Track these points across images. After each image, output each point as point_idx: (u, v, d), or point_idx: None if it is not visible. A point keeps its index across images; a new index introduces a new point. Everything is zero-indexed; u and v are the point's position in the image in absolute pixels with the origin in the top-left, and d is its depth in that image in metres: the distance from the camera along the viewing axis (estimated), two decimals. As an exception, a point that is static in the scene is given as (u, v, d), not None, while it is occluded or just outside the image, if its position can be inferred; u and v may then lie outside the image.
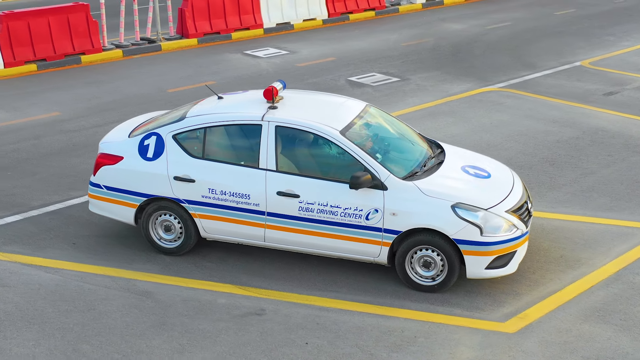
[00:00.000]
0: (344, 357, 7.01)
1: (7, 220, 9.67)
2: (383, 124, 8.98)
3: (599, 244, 9.05)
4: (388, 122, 9.07)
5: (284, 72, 16.58)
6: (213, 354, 7.03)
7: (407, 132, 9.03)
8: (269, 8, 20.54)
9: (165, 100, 14.53)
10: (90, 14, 17.56)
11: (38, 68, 16.78)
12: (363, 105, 9.03)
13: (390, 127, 8.98)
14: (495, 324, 7.53)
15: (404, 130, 9.05)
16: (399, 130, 9.02)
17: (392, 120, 9.17)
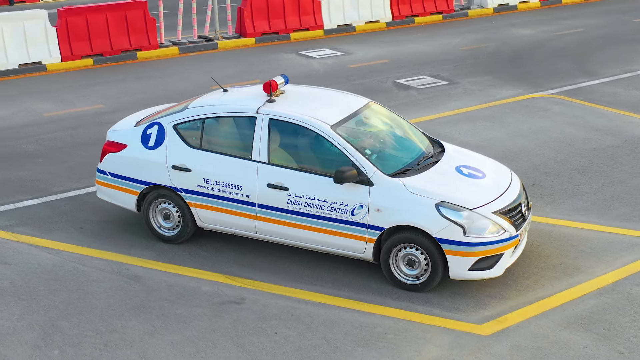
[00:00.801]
0: (309, 348, 7.21)
1: (25, 203, 10.28)
2: (383, 121, 9.12)
3: (605, 254, 8.93)
4: (390, 119, 9.21)
5: (334, 73, 16.85)
6: (182, 338, 7.35)
7: (408, 131, 9.14)
8: (330, 9, 20.87)
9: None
10: (147, 11, 18.30)
11: (94, 62, 17.61)
12: (365, 101, 9.20)
13: (391, 125, 9.12)
14: (470, 326, 7.57)
15: (406, 129, 9.17)
16: (400, 128, 9.14)
17: (395, 118, 9.31)
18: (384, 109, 9.37)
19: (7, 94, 15.38)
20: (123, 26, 17.96)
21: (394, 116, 9.33)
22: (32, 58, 16.98)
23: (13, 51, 16.75)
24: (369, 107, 9.13)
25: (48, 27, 17.10)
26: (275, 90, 8.85)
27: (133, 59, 18.11)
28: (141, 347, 7.20)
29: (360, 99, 9.25)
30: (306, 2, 20.41)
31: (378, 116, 9.15)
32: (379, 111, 9.23)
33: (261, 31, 19.84)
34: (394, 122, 9.21)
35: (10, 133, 13.08)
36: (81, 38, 17.48)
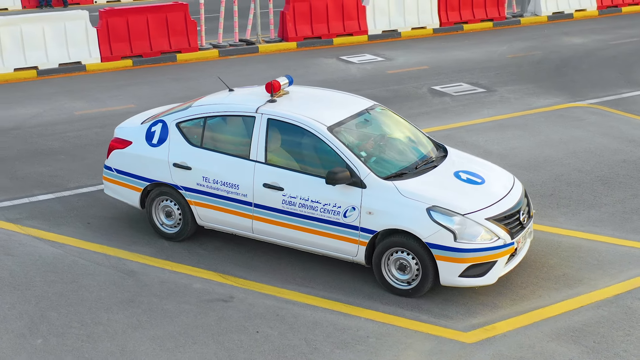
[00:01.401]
0: (287, 348, 7.31)
1: (39, 197, 10.64)
2: (386, 124, 9.19)
3: (612, 266, 8.80)
4: (394, 123, 9.26)
5: (370, 78, 16.94)
6: (164, 332, 7.53)
7: (411, 135, 9.18)
8: (375, 15, 20.96)
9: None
10: (188, 14, 18.70)
11: (134, 64, 18.07)
12: (369, 104, 9.28)
13: (394, 128, 9.18)
14: (456, 333, 7.56)
15: (409, 133, 9.20)
16: (403, 132, 9.19)
17: (400, 121, 9.35)
18: (389, 112, 9.42)
19: (44, 92, 15.92)
20: (163, 28, 18.38)
21: (398, 120, 9.37)
22: (72, 58, 17.52)
23: (54, 51, 17.31)
24: (373, 110, 9.21)
25: (89, 28, 17.63)
26: (278, 90, 9.00)
27: (172, 61, 18.51)
28: (122, 340, 7.40)
29: (365, 102, 9.33)
30: (350, 7, 20.55)
31: (381, 119, 9.22)
32: (383, 114, 9.29)
33: (303, 35, 20.05)
34: (398, 126, 9.25)
35: (40, 130, 13.53)
36: (121, 39, 17.96)
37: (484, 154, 12.16)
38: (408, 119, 9.92)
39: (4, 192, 10.83)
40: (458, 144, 12.60)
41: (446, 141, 12.63)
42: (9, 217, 10.01)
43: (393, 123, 9.27)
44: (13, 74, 16.90)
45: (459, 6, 22.10)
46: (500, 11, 22.77)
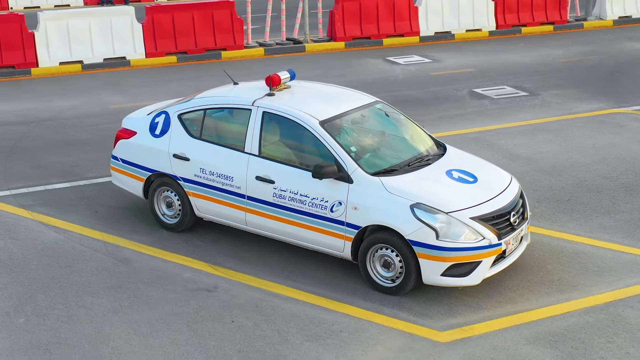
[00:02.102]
0: (258, 338, 7.53)
1: (55, 186, 11.14)
2: (385, 121, 9.33)
3: (611, 273, 8.73)
4: (394, 120, 9.40)
5: (412, 79, 17.03)
6: (142, 318, 7.85)
7: (409, 132, 9.29)
8: (427, 16, 21.01)
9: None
10: (235, 11, 19.14)
11: (178, 60, 18.60)
12: (370, 100, 9.43)
13: (392, 125, 9.31)
14: (430, 332, 7.65)
15: (408, 130, 9.32)
16: (402, 129, 9.31)
17: (400, 118, 9.47)
18: (390, 108, 9.56)
19: (85, 86, 16.55)
20: (209, 25, 18.86)
21: (399, 117, 9.49)
22: (117, 53, 18.15)
23: (99, 46, 17.97)
24: (373, 106, 9.36)
25: (134, 24, 18.23)
26: (278, 84, 9.23)
27: (217, 58, 18.97)
28: (100, 323, 7.75)
29: (366, 98, 9.48)
30: (402, 7, 20.66)
31: (381, 115, 9.36)
32: (383, 111, 9.43)
33: (352, 35, 20.25)
34: (397, 123, 9.38)
35: (73, 122, 14.10)
36: (166, 35, 18.50)
37: (509, 158, 12.16)
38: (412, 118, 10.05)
39: (24, 179, 11.37)
40: (484, 147, 12.62)
41: (474, 144, 12.69)
42: (23, 203, 10.52)
43: (392, 120, 9.40)
44: (58, 68, 17.61)
45: (517, 8, 21.95)
46: (562, 14, 22.51)
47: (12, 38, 17.24)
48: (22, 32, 17.32)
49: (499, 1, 21.71)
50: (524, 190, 10.11)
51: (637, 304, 8.14)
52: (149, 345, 7.41)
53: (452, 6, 21.22)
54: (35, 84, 16.74)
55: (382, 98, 15.36)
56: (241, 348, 7.37)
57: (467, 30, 21.47)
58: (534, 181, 11.29)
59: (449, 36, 21.21)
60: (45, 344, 7.42)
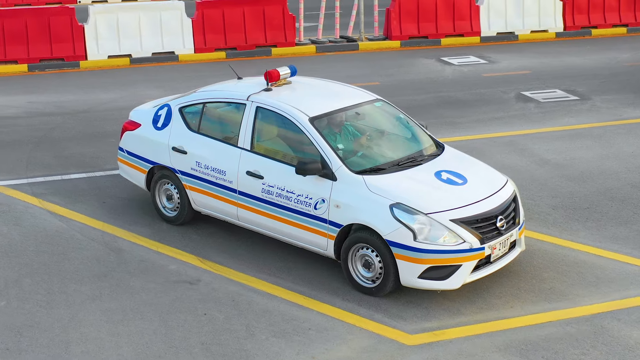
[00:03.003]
0: (225, 331, 7.77)
1: (72, 176, 11.65)
2: (382, 119, 9.46)
3: (608, 285, 8.63)
4: (391, 118, 9.51)
5: (460, 80, 17.00)
6: (117, 306, 8.19)
7: (407, 132, 9.38)
8: (489, 15, 20.88)
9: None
10: (287, 8, 19.45)
11: (227, 56, 19.03)
12: (369, 98, 9.55)
13: (388, 124, 9.44)
14: (401, 334, 7.74)
15: (405, 130, 9.42)
16: (399, 128, 9.43)
17: (400, 118, 9.57)
18: (391, 107, 9.66)
19: (130, 80, 17.13)
20: (260, 21, 19.22)
21: (399, 116, 9.59)
22: (166, 47, 18.71)
23: (148, 40, 18.55)
24: (371, 104, 9.49)
25: (184, 19, 18.75)
26: (276, 79, 9.46)
27: (267, 55, 19.32)
28: (76, 309, 8.13)
29: (365, 95, 9.61)
30: (463, 6, 20.59)
31: (379, 114, 9.49)
32: (382, 109, 9.56)
33: (408, 34, 20.30)
34: (395, 122, 9.49)
35: (106, 114, 14.65)
36: (216, 31, 18.96)
37: (538, 163, 12.08)
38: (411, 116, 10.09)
39: (44, 168, 11.92)
40: (514, 151, 12.56)
41: (504, 147, 12.66)
42: (36, 191, 11.05)
43: (390, 118, 9.51)
44: (107, 61, 18.28)
45: (587, 9, 21.58)
46: (637, 16, 22.00)
47: (62, 31, 17.98)
48: (72, 25, 18.05)
49: (567, 1, 21.38)
50: (540, 197, 10.13)
51: (626, 317, 8.04)
52: (117, 333, 7.74)
53: (517, 6, 21.02)
54: (82, 77, 17.42)
55: (425, 98, 15.56)
56: (205, 340, 7.63)
57: (532, 32, 21.22)
58: (556, 187, 11.19)
59: (512, 37, 21.02)
60: (18, 326, 7.84)
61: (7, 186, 11.23)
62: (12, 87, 16.48)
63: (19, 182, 11.40)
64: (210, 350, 7.48)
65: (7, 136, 13.37)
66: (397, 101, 15.27)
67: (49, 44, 17.96)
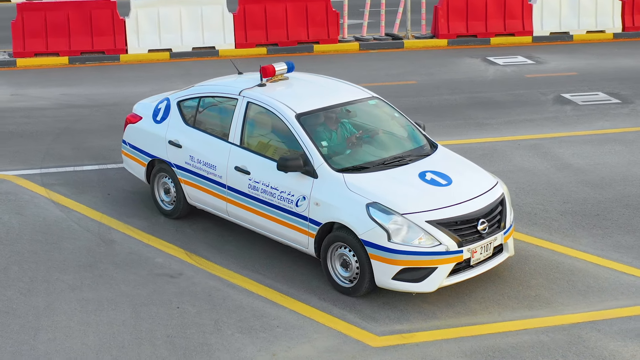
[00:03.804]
0: (193, 325, 7.95)
1: (85, 167, 12.02)
2: (374, 117, 9.51)
3: (597, 294, 8.52)
4: (384, 116, 9.55)
5: (501, 81, 16.85)
6: (95, 296, 8.45)
7: (399, 130, 9.42)
8: (543, 15, 20.61)
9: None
10: (330, 4, 19.58)
11: (268, 52, 19.26)
12: (363, 95, 9.61)
13: (381, 122, 9.48)
14: (368, 335, 7.79)
15: (399, 128, 9.45)
16: (392, 126, 9.46)
17: (394, 116, 9.60)
18: (386, 105, 9.69)
19: (166, 74, 17.50)
20: (302, 17, 19.39)
21: (393, 114, 9.62)
22: (207, 42, 19.04)
23: (188, 34, 18.92)
24: (365, 103, 9.55)
25: (225, 14, 19.05)
26: (271, 75, 9.60)
27: (309, 52, 19.48)
28: (54, 298, 8.42)
29: (360, 93, 9.66)
30: (514, 4, 20.37)
31: (372, 112, 9.55)
32: (377, 107, 9.61)
33: (456, 33, 20.19)
34: (389, 120, 9.53)
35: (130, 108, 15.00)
36: (258, 26, 19.20)
37: (559, 167, 11.94)
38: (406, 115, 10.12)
39: (59, 159, 12.31)
40: (536, 155, 12.44)
41: (526, 151, 12.56)
42: (45, 182, 11.43)
43: (383, 117, 9.55)
44: (147, 55, 18.71)
45: (649, 9, 21.11)
46: None
47: (104, 24, 18.47)
48: (114, 19, 18.53)
49: (627, 1, 20.95)
50: (551, 202, 10.07)
51: (606, 328, 7.93)
52: (87, 322, 7.99)
53: (572, 5, 20.69)
54: (121, 70, 17.87)
55: (458, 98, 15.50)
56: (171, 333, 7.82)
57: (588, 32, 20.85)
58: (570, 193, 11.04)
59: (566, 37, 20.70)
60: (-6, 312, 8.19)
61: (20, 176, 11.65)
62: (50, 79, 17.03)
63: (32, 172, 11.81)
64: (173, 343, 7.67)
65: (31, 127, 13.85)
66: (430, 101, 15.30)
67: (90, 37, 18.48)
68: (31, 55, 18.27)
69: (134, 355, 7.49)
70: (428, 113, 14.61)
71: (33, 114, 14.60)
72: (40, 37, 18.29)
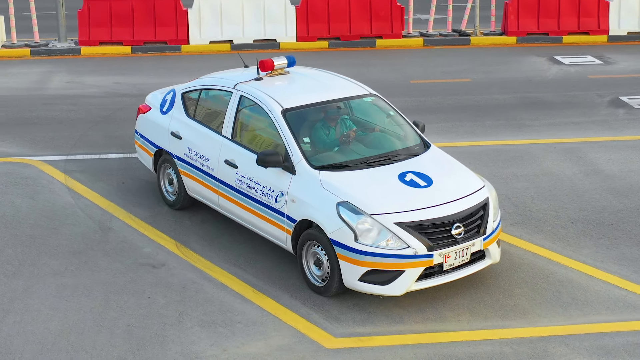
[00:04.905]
0: (157, 315, 8.04)
1: (110, 155, 12.32)
2: (367, 115, 9.41)
3: (580, 307, 8.20)
4: (377, 114, 9.45)
5: (560, 81, 16.37)
6: (74, 282, 8.66)
7: (391, 129, 9.29)
8: (620, 13, 19.92)
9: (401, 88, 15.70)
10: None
11: (329, 46, 19.26)
12: (359, 92, 9.51)
13: (375, 120, 9.35)
14: (325, 336, 7.72)
15: (391, 127, 9.31)
16: (384, 125, 9.32)
17: (388, 114, 9.46)
18: (383, 103, 9.56)
19: (223, 65, 17.41)
20: (366, 11, 19.29)
21: (387, 112, 9.48)
22: (268, 35, 19.19)
23: (250, 26, 19.11)
24: (360, 99, 9.45)
25: (288, 6, 19.14)
26: (270, 69, 9.60)
27: (371, 46, 19.37)
28: (35, 282, 8.67)
29: (357, 90, 9.55)
30: (589, 1, 19.75)
31: (367, 109, 9.45)
32: (373, 104, 9.49)
33: (527, 30, 19.70)
34: (382, 118, 9.40)
35: (179, 98, 15.28)
36: (320, 19, 19.21)
37: (588, 173, 11.54)
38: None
39: (89, 147, 12.66)
40: (568, 159, 12.06)
41: (562, 154, 12.25)
42: (67, 168, 11.77)
43: (378, 114, 9.43)
44: (208, 46, 19.01)
45: None
46: None
47: (167, 15, 18.86)
48: (177, 9, 18.90)
49: None
50: (566, 209, 9.75)
51: (577, 343, 7.62)
52: (57, 308, 8.20)
53: (653, 3, 19.91)
54: (179, 61, 18.22)
55: (508, 98, 15.17)
56: (132, 323, 7.94)
57: (670, 32, 20.03)
58: (590, 200, 10.64)
59: (645, 37, 19.94)
60: (-27, 294, 8.50)
61: (45, 161, 12.03)
62: (109, 68, 17.52)
63: (58, 158, 12.18)
64: (131, 332, 7.79)
65: (74, 114, 14.28)
66: (477, 100, 15.01)
67: (153, 27, 18.90)
68: (96, 44, 18.82)
69: (89, 342, 7.65)
70: (470, 112, 14.33)
71: (80, 101, 15.05)
72: (105, 26, 18.82)
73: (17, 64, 18.08)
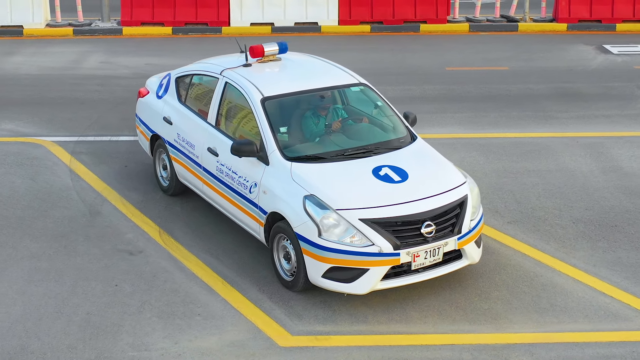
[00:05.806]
0: (119, 304, 7.96)
1: (120, 138, 12.30)
2: (353, 104, 9.10)
3: (558, 314, 7.81)
4: (364, 105, 9.17)
5: (602, 71, 15.71)
6: (47, 267, 8.64)
7: (377, 121, 8.98)
8: (680, 0, 18.97)
9: (435, 76, 15.33)
10: (445, -18, 18.93)
11: (372, 30, 18.90)
12: (348, 81, 9.23)
13: (361, 111, 9.06)
14: (282, 333, 7.52)
15: (379, 119, 9.02)
16: (370, 116, 9.03)
17: (377, 105, 9.16)
18: (372, 93, 9.25)
19: (259, 48, 17.55)
20: (411, -5, 18.89)
21: (376, 103, 9.18)
22: (309, 18, 18.92)
23: (292, 9, 18.87)
24: (347, 89, 9.17)
25: (330, -11, 18.88)
26: (260, 55, 9.38)
27: (414, 31, 18.93)
28: (9, 265, 8.69)
29: (346, 78, 9.26)
30: (648, -12, 18.90)
31: (355, 99, 9.18)
32: (361, 94, 9.23)
33: (578, 17, 18.97)
34: (370, 109, 9.11)
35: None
36: (363, 3, 18.85)
37: (605, 170, 11.03)
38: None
39: (103, 128, 12.67)
40: (591, 154, 11.55)
41: (583, 149, 11.81)
42: (75, 150, 11.80)
43: (366, 104, 9.14)
44: (248, 28, 18.86)
45: None
46: None
47: (208, -4, 18.81)
48: (218, -9, 18.82)
49: None
50: (571, 208, 9.64)
51: (543, 352, 7.24)
52: (24, 292, 8.19)
53: None
54: (218, 43, 18.09)
55: (544, 88, 14.63)
56: (92, 311, 7.88)
57: None
58: (600, 199, 10.15)
59: None
60: (-54, 274, 8.55)
61: (55, 142, 12.09)
62: (146, 49, 17.55)
63: (69, 139, 12.21)
64: (89, 321, 7.72)
65: (98, 95, 14.33)
66: (509, 89, 14.55)
67: (194, 8, 18.85)
68: (137, 24, 18.87)
69: (44, 329, 7.61)
70: (499, 102, 13.86)
71: (108, 82, 15.10)
72: (147, 6, 18.85)
73: (59, 42, 18.25)
